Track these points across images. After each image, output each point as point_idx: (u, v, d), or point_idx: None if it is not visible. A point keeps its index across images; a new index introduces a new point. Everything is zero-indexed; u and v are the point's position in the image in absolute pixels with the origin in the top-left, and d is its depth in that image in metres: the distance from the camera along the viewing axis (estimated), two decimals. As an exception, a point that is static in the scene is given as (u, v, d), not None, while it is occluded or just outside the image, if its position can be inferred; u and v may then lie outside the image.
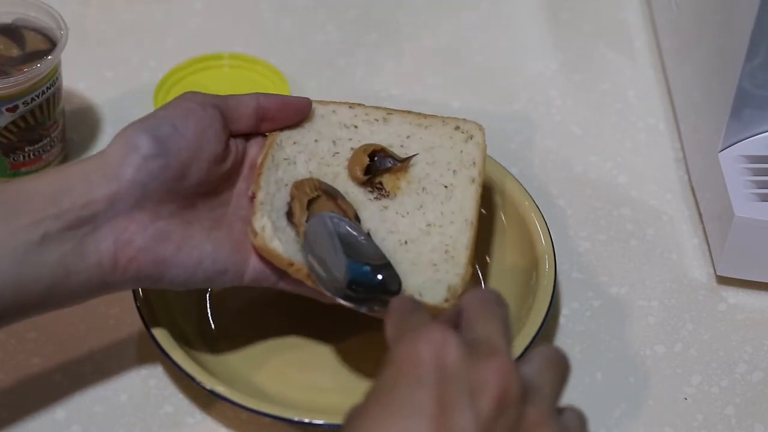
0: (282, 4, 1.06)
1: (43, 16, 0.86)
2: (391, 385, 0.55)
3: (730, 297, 0.84)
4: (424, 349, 0.55)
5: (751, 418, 0.77)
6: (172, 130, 0.71)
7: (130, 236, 0.69)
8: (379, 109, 0.80)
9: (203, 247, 0.71)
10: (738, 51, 0.80)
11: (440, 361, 0.54)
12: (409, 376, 0.54)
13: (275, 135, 0.77)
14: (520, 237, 0.82)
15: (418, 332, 0.56)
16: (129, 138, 0.70)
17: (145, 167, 0.70)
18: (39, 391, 0.76)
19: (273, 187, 0.74)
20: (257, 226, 0.72)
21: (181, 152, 0.71)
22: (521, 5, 1.07)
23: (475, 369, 0.54)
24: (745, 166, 0.83)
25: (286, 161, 0.76)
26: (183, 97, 0.74)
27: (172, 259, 0.71)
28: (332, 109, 0.80)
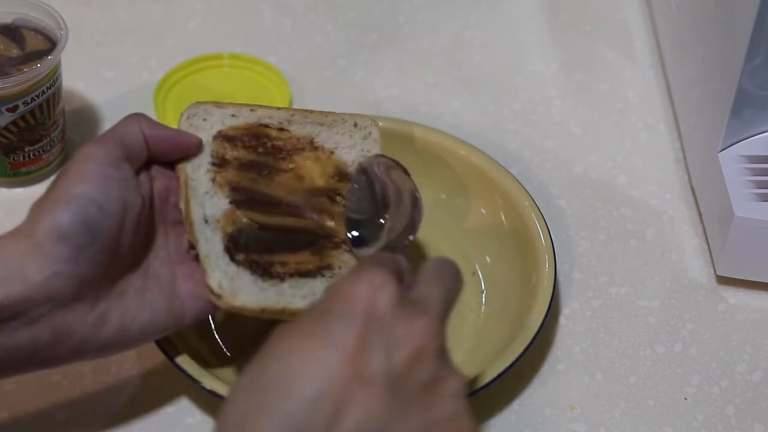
0: (282, 4, 1.06)
1: (43, 16, 0.86)
2: (320, 314, 0.57)
3: (730, 297, 0.84)
4: (361, 287, 0.57)
5: (751, 418, 0.77)
6: (98, 211, 0.67)
7: (69, 328, 0.66)
8: (281, 109, 0.79)
9: (140, 317, 0.69)
10: (738, 51, 0.80)
11: (373, 303, 0.57)
12: (340, 309, 0.57)
13: (184, 166, 0.74)
14: (520, 237, 0.82)
15: (364, 271, 0.58)
16: (57, 225, 0.65)
17: (80, 257, 0.66)
18: (39, 391, 0.76)
19: (208, 232, 0.72)
20: (214, 285, 0.70)
21: (110, 231, 0.67)
22: (521, 5, 1.07)
23: (401, 322, 0.57)
24: (745, 166, 0.83)
25: (207, 195, 0.74)
26: (90, 159, 0.68)
27: (113, 340, 0.68)
28: (231, 113, 0.77)
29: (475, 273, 0.83)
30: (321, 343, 0.55)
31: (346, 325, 0.56)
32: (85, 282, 0.66)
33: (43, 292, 0.65)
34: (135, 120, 0.72)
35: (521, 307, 0.78)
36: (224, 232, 0.72)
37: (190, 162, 0.74)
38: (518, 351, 0.74)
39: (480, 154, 0.86)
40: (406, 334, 0.57)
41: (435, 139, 0.87)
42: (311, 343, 0.56)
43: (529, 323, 0.76)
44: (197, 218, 0.72)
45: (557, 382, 0.78)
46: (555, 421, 0.76)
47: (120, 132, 0.71)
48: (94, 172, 0.68)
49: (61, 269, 0.65)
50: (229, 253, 0.72)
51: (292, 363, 0.55)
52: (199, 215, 0.72)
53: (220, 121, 0.76)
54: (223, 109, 0.77)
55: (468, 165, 0.86)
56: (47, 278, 0.65)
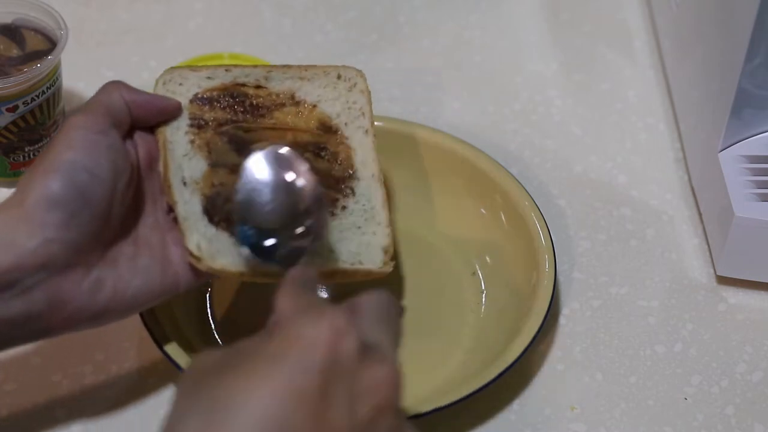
0: (282, 4, 1.06)
1: (43, 16, 0.86)
2: (275, 358, 0.54)
3: (730, 297, 0.84)
4: (324, 332, 0.54)
5: (751, 418, 0.77)
6: (89, 177, 0.66)
7: (64, 296, 0.66)
8: (258, 67, 0.78)
9: (134, 283, 0.69)
10: (738, 51, 0.80)
11: (336, 350, 0.54)
12: (299, 356, 0.53)
13: (163, 129, 0.74)
14: (520, 237, 0.82)
15: (322, 314, 0.55)
16: (48, 193, 0.65)
17: (73, 223, 0.65)
18: (39, 390, 0.76)
19: (186, 194, 0.72)
20: (192, 247, 0.69)
21: (101, 197, 0.67)
22: (521, 5, 1.07)
23: (364, 371, 0.54)
24: (745, 166, 0.83)
25: (186, 157, 0.73)
26: (78, 126, 0.68)
27: (107, 307, 0.68)
28: (207, 75, 0.77)
29: (475, 273, 0.83)
30: (280, 392, 0.52)
31: (308, 374, 0.53)
32: (77, 248, 0.66)
33: (36, 259, 0.64)
34: (115, 87, 0.72)
35: (521, 307, 0.78)
36: (203, 193, 0.72)
37: (168, 125, 0.74)
38: (518, 351, 0.74)
39: (480, 154, 0.86)
40: (369, 385, 0.54)
41: (435, 139, 0.87)
42: (269, 390, 0.52)
43: (529, 323, 0.76)
44: (175, 180, 0.72)
45: (557, 382, 0.78)
46: (555, 421, 0.76)
47: (103, 100, 0.71)
48: (82, 139, 0.68)
49: (53, 236, 0.65)
50: (207, 215, 0.71)
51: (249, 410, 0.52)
52: (178, 177, 0.72)
53: (196, 84, 0.76)
54: (198, 72, 0.77)
55: (468, 165, 0.86)
56: (39, 245, 0.64)
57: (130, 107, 0.72)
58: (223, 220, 0.71)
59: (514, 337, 0.75)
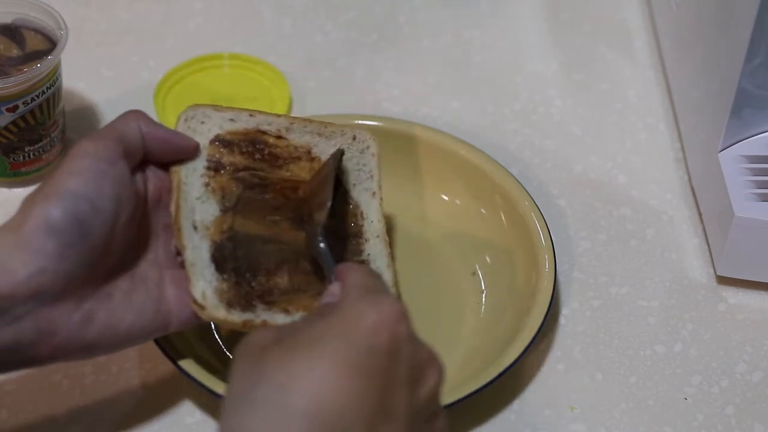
0: (282, 4, 1.06)
1: (43, 16, 0.86)
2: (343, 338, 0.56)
3: (730, 297, 0.84)
4: (386, 317, 0.57)
5: (751, 418, 0.77)
6: (90, 208, 0.65)
7: (53, 327, 0.64)
8: (281, 117, 0.78)
9: (127, 319, 0.68)
10: (738, 51, 0.80)
11: (396, 334, 0.57)
12: (367, 338, 0.56)
13: (178, 169, 0.72)
14: (520, 237, 0.82)
15: (384, 298, 0.58)
16: (47, 220, 0.64)
17: (69, 254, 0.64)
18: (39, 391, 0.76)
19: (196, 239, 0.71)
20: (197, 295, 0.69)
21: (101, 229, 0.66)
22: (521, 5, 1.07)
23: (417, 354, 0.58)
24: (745, 166, 0.83)
25: (199, 200, 0.73)
26: (86, 154, 0.67)
27: (98, 340, 0.67)
28: (230, 117, 0.76)
29: (475, 273, 0.83)
30: (349, 371, 0.55)
31: (376, 357, 0.56)
32: (71, 280, 0.65)
33: (28, 288, 0.63)
34: (134, 117, 0.70)
35: (521, 307, 0.78)
36: (212, 240, 0.71)
37: (184, 165, 0.73)
38: (518, 351, 0.74)
39: (480, 154, 0.86)
40: (423, 368, 0.58)
41: (435, 139, 0.87)
42: (338, 370, 0.55)
43: (529, 323, 0.76)
44: (186, 223, 0.71)
45: (557, 382, 0.78)
46: (555, 421, 0.76)
47: (118, 128, 0.69)
48: (88, 168, 0.66)
49: (48, 265, 0.63)
50: (215, 263, 0.71)
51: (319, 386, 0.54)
52: (189, 221, 0.71)
53: (218, 125, 0.75)
54: (221, 113, 0.76)
55: (468, 165, 0.86)
56: (33, 274, 0.63)
57: (146, 140, 0.70)
58: (232, 270, 0.71)
59: (514, 337, 0.75)
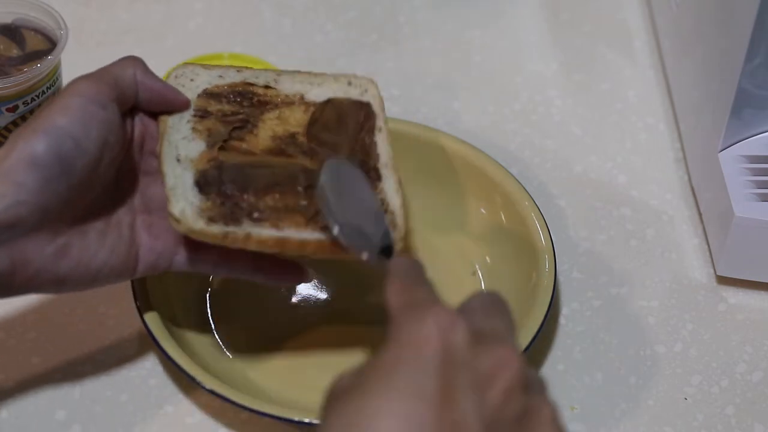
0: (282, 4, 1.06)
1: (43, 16, 0.86)
2: (393, 364, 0.52)
3: (730, 297, 0.84)
4: (431, 329, 0.53)
5: (751, 418, 0.77)
6: (75, 147, 0.66)
7: (28, 257, 0.66)
8: (267, 70, 0.78)
9: (98, 256, 0.69)
10: (738, 51, 0.80)
11: (447, 343, 0.52)
12: (414, 356, 0.52)
13: (166, 119, 0.74)
14: (520, 237, 0.82)
15: (427, 310, 0.54)
16: (31, 154, 0.65)
17: (49, 188, 0.65)
18: (39, 391, 0.76)
19: (179, 169, 0.71)
20: (176, 211, 0.69)
21: (83, 169, 0.67)
22: (521, 5, 1.07)
23: (482, 357, 0.53)
24: (745, 166, 0.83)
25: (185, 140, 0.73)
26: (78, 93, 0.68)
27: (70, 274, 0.68)
28: (219, 74, 0.77)
29: (475, 273, 0.83)
30: (403, 397, 0.51)
31: (425, 372, 0.51)
32: (48, 214, 0.66)
33: (6, 218, 0.64)
34: (131, 63, 0.72)
35: (521, 307, 0.78)
36: (196, 169, 0.72)
37: (172, 115, 0.74)
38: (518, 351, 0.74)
39: (480, 154, 0.86)
40: (490, 369, 0.52)
41: (435, 139, 0.87)
42: (392, 400, 0.51)
43: (529, 323, 0.76)
44: (168, 157, 0.72)
45: (557, 382, 0.78)
46: (555, 421, 0.76)
47: (114, 72, 0.70)
48: (78, 107, 0.67)
49: (26, 198, 0.65)
50: (198, 187, 0.71)
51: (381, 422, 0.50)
52: (172, 155, 0.72)
53: (207, 81, 0.77)
54: (210, 70, 0.77)
55: (468, 165, 0.86)
56: (10, 205, 0.64)
57: (139, 88, 0.71)
58: (216, 193, 0.70)
59: (514, 337, 0.75)
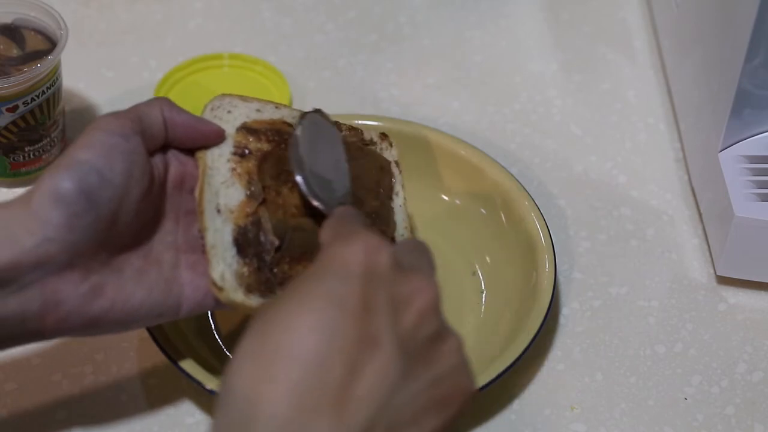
0: (282, 4, 1.06)
1: (43, 16, 0.86)
2: (316, 278, 0.55)
3: (730, 297, 0.84)
4: (357, 249, 0.56)
5: (751, 418, 0.77)
6: (99, 180, 0.65)
7: (60, 297, 0.65)
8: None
9: (135, 296, 0.68)
10: (738, 51, 0.80)
11: (371, 263, 0.56)
12: (337, 270, 0.55)
13: (204, 155, 0.73)
14: (520, 237, 0.82)
15: (355, 234, 0.58)
16: (55, 190, 0.65)
17: (76, 224, 0.64)
18: (39, 391, 0.76)
19: (219, 221, 0.71)
20: (216, 277, 0.69)
21: (110, 202, 0.66)
22: (521, 5, 1.07)
23: (402, 282, 0.56)
24: (745, 166, 0.83)
25: (224, 184, 0.72)
26: (100, 128, 0.67)
27: (105, 315, 0.67)
28: (257, 108, 0.76)
29: (475, 273, 0.83)
30: (322, 304, 0.54)
31: (347, 284, 0.55)
32: (78, 251, 0.65)
33: (34, 257, 0.64)
34: (158, 101, 0.71)
35: (521, 307, 0.78)
36: (236, 223, 0.71)
37: (210, 150, 0.73)
38: (518, 351, 0.74)
39: (480, 154, 0.86)
40: (409, 292, 0.56)
41: (435, 139, 0.87)
42: (312, 305, 0.54)
43: (529, 323, 0.76)
44: (209, 207, 0.71)
45: (557, 382, 0.78)
46: (555, 421, 0.76)
47: (140, 108, 0.70)
48: (100, 140, 0.67)
49: (54, 235, 0.64)
50: (237, 246, 0.70)
51: (296, 326, 0.53)
52: (212, 204, 0.71)
53: (245, 114, 0.75)
54: (248, 103, 0.76)
55: (468, 165, 0.86)
56: (39, 243, 0.64)
57: (167, 124, 0.71)
58: (254, 255, 0.71)
59: (514, 337, 0.75)
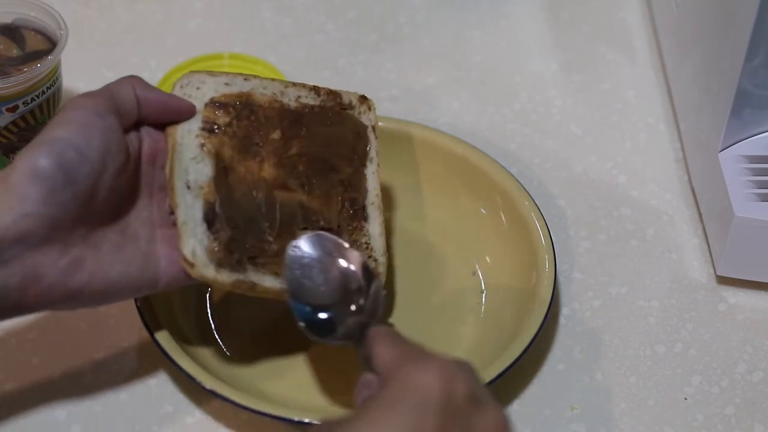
0: (282, 4, 1.06)
1: (43, 16, 0.86)
2: (390, 403, 0.55)
3: (730, 297, 0.84)
4: (435, 375, 0.56)
5: (751, 418, 0.77)
6: (77, 156, 0.67)
7: (40, 271, 0.66)
8: (275, 81, 0.78)
9: (114, 270, 0.69)
10: (738, 51, 0.80)
11: (449, 391, 0.55)
12: (416, 396, 0.55)
13: (174, 130, 0.74)
14: (520, 237, 0.82)
15: (430, 358, 0.57)
16: (33, 166, 0.65)
17: (54, 199, 0.65)
18: (39, 391, 0.76)
19: (189, 198, 0.72)
20: (187, 252, 0.70)
21: (87, 177, 0.67)
22: (521, 5, 1.07)
23: (478, 415, 0.56)
24: (745, 166, 0.83)
25: (194, 160, 0.73)
26: (75, 107, 0.69)
27: (84, 289, 0.68)
28: (225, 81, 0.77)
29: (475, 273, 0.83)
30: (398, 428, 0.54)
31: (425, 411, 0.54)
32: (57, 225, 0.66)
33: (13, 232, 0.65)
34: (128, 80, 0.72)
35: (521, 307, 0.78)
36: (206, 199, 0.72)
37: (180, 126, 0.74)
38: (518, 351, 0.74)
39: (480, 154, 0.86)
40: (485, 426, 0.56)
41: (435, 139, 0.87)
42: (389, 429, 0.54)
43: (529, 323, 0.76)
44: (179, 183, 0.72)
45: (557, 382, 0.78)
46: (555, 421, 0.76)
47: (112, 88, 0.71)
48: (77, 118, 0.68)
49: (32, 210, 0.65)
50: (207, 222, 0.71)
51: None
52: (182, 180, 0.72)
53: (214, 89, 0.76)
54: (216, 78, 0.77)
55: (468, 165, 0.86)
56: (17, 219, 0.65)
57: (140, 101, 0.72)
58: (223, 230, 0.71)
59: (514, 337, 0.75)
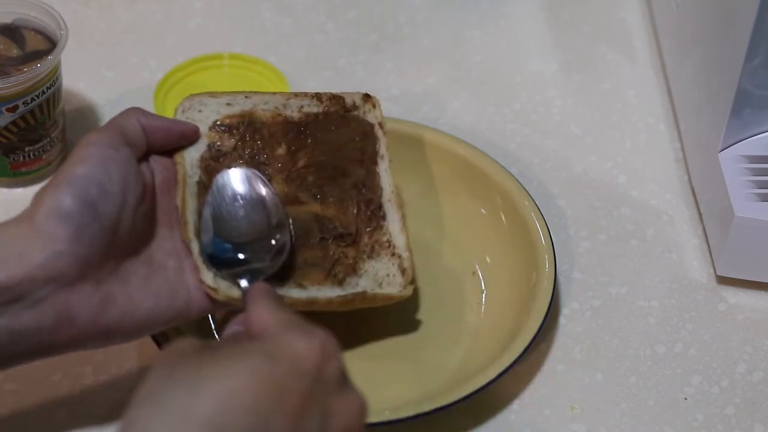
0: (282, 4, 1.06)
1: (43, 16, 0.86)
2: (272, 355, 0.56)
3: (730, 297, 0.84)
4: (316, 347, 0.57)
5: (751, 418, 0.77)
6: (100, 191, 0.67)
7: (73, 311, 0.66)
8: (276, 94, 0.79)
9: (145, 304, 0.69)
10: (738, 51, 0.80)
11: (324, 367, 0.57)
12: (294, 361, 0.56)
13: (182, 159, 0.74)
14: (520, 237, 0.82)
15: (315, 332, 0.58)
16: (58, 205, 0.66)
17: (82, 236, 0.66)
18: (39, 391, 0.76)
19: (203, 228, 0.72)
20: (208, 281, 0.70)
21: (112, 211, 0.67)
22: (521, 5, 1.07)
23: (342, 395, 0.57)
24: (745, 166, 0.83)
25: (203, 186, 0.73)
26: (91, 143, 0.69)
27: (116, 325, 0.68)
28: (226, 101, 0.77)
29: (475, 273, 0.83)
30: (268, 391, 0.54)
31: (298, 381, 0.55)
32: (86, 262, 0.66)
33: (45, 272, 0.64)
34: (131, 112, 0.73)
35: (521, 307, 0.78)
36: None
37: (187, 155, 0.74)
38: (518, 351, 0.74)
39: (480, 154, 0.86)
40: (344, 408, 0.57)
41: (435, 139, 0.87)
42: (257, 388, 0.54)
43: (529, 323, 0.76)
44: (192, 218, 0.72)
45: (557, 382, 0.78)
46: (555, 421, 0.76)
47: (119, 121, 0.72)
48: (94, 154, 0.68)
49: (62, 248, 0.65)
50: None
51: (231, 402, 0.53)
52: (192, 204, 0.72)
53: (216, 110, 0.76)
54: (217, 99, 0.77)
55: (468, 165, 0.86)
56: (48, 258, 0.65)
57: (146, 131, 0.72)
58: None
59: (514, 337, 0.75)
